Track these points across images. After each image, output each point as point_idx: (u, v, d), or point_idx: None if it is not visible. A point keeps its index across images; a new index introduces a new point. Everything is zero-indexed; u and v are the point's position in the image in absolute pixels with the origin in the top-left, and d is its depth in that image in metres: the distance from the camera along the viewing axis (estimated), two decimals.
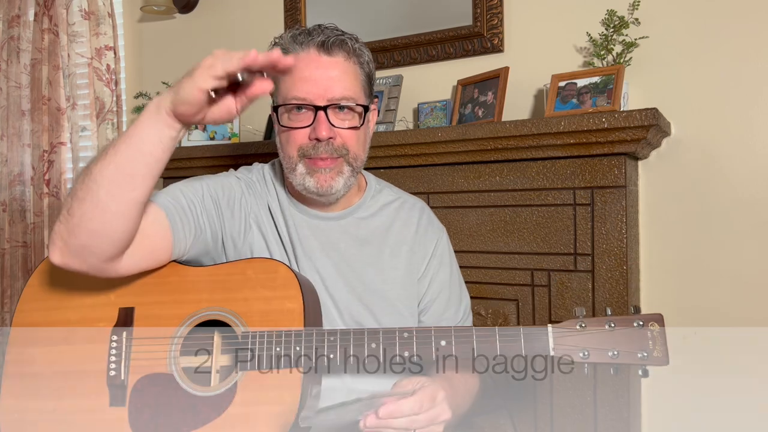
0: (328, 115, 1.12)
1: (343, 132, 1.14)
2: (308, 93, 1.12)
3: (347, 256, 1.21)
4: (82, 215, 0.96)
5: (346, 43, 1.14)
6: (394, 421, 0.92)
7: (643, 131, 1.55)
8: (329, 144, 1.13)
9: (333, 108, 1.13)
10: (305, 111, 1.13)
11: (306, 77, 1.12)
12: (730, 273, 1.71)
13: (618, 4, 1.78)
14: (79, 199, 0.96)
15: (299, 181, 1.16)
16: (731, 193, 1.72)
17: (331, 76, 1.13)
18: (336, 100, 1.12)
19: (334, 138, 1.13)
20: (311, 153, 1.14)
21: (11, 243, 2.85)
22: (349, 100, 1.13)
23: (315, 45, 1.13)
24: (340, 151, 1.15)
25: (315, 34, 1.14)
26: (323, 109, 1.12)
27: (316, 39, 1.13)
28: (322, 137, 1.12)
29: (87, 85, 2.72)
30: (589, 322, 1.01)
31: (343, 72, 1.14)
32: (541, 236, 1.73)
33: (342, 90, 1.13)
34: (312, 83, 1.12)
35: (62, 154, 2.80)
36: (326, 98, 1.12)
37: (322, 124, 1.12)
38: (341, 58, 1.14)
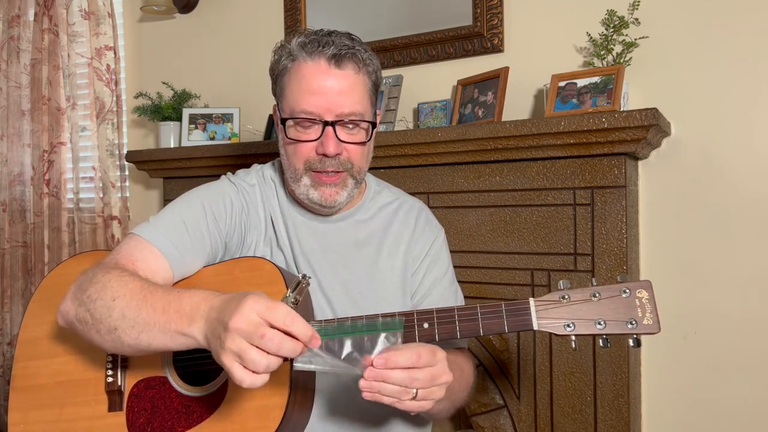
0: (336, 130, 1.11)
1: (349, 147, 1.14)
2: (317, 107, 1.10)
3: (345, 259, 1.22)
4: (98, 330, 0.98)
5: (356, 55, 1.12)
6: (392, 374, 0.87)
7: (643, 131, 1.55)
8: (336, 159, 1.13)
9: (341, 123, 1.12)
10: (312, 125, 1.12)
11: (315, 90, 1.10)
12: (730, 273, 1.72)
13: (618, 4, 1.78)
14: (96, 320, 0.97)
15: (303, 192, 1.16)
16: (731, 193, 1.72)
17: (341, 90, 1.11)
18: (345, 116, 1.11)
19: (340, 153, 1.13)
20: (317, 167, 1.13)
21: (11, 243, 2.85)
22: (356, 116, 1.12)
23: (325, 57, 1.10)
24: (346, 165, 1.14)
25: (326, 45, 1.11)
26: (331, 124, 1.11)
27: (327, 51, 1.10)
28: (330, 153, 1.11)
29: (87, 85, 2.72)
30: (573, 293, 0.96)
31: (353, 86, 1.12)
32: (541, 236, 1.73)
33: (351, 105, 1.11)
34: (321, 97, 1.10)
35: (62, 154, 2.80)
36: (335, 113, 1.11)
37: (331, 140, 1.11)
38: (351, 71, 1.12)
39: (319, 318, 1.16)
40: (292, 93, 1.13)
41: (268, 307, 0.81)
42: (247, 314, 0.81)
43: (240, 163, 2.08)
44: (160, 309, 0.92)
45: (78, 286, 1.02)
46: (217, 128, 2.36)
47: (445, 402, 1.04)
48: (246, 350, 0.80)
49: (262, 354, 0.81)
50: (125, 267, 1.03)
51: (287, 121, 1.13)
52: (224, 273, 1.11)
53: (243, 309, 0.81)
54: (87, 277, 1.02)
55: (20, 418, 1.13)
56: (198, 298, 0.90)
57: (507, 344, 1.79)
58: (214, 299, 0.89)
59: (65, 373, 1.13)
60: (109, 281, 0.97)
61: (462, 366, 1.15)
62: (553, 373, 1.72)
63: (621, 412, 1.64)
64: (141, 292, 0.95)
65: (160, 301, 0.92)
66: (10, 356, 2.87)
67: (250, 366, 0.81)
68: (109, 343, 0.98)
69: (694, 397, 1.76)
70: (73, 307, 1.01)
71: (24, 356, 1.16)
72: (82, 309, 0.99)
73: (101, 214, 2.67)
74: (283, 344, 0.81)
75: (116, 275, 0.98)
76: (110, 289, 0.96)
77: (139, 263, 1.05)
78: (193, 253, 1.11)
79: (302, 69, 1.11)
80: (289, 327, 0.81)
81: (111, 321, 0.95)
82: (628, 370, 1.63)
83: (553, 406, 1.73)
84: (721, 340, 1.72)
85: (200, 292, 0.92)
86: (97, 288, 0.98)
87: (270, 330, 0.80)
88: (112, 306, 0.95)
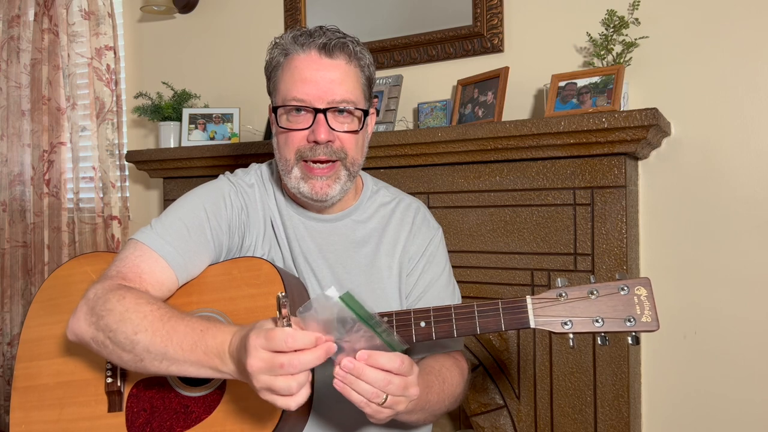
0: (327, 118, 1.12)
1: (341, 135, 1.14)
2: (308, 95, 1.11)
3: (343, 259, 1.21)
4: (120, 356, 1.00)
5: (347, 45, 1.13)
6: (370, 372, 0.86)
7: (643, 131, 1.55)
8: (327, 147, 1.13)
9: (332, 111, 1.12)
10: (304, 113, 1.13)
11: (306, 78, 1.11)
12: (729, 272, 1.72)
13: (618, 4, 1.78)
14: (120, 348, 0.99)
15: (294, 185, 1.16)
16: (731, 193, 1.72)
17: (332, 78, 1.12)
18: (336, 103, 1.12)
19: (332, 141, 1.13)
20: (309, 155, 1.13)
21: (11, 243, 2.85)
22: (349, 104, 1.13)
23: (316, 47, 1.12)
24: (339, 154, 1.14)
25: (316, 35, 1.13)
26: (323, 111, 1.11)
27: (317, 41, 1.12)
28: (321, 140, 1.11)
29: (87, 85, 2.72)
30: (571, 291, 0.95)
31: (344, 75, 1.13)
32: (541, 236, 1.73)
33: (342, 93, 1.12)
34: (312, 85, 1.11)
35: (62, 154, 2.80)
36: (326, 101, 1.11)
37: (322, 127, 1.11)
38: (342, 61, 1.13)
39: None
40: (284, 84, 1.13)
41: (268, 338, 0.84)
42: (256, 354, 0.84)
43: (240, 163, 2.08)
44: (188, 348, 0.94)
45: (91, 309, 1.02)
46: (217, 128, 2.36)
47: (420, 413, 1.05)
48: (273, 383, 0.83)
49: (289, 378, 0.83)
50: (133, 283, 1.05)
51: (279, 109, 1.14)
52: (223, 273, 1.12)
53: (250, 351, 0.84)
54: (99, 299, 1.02)
55: (22, 418, 1.13)
56: (220, 339, 0.93)
57: (507, 344, 1.79)
58: (233, 340, 0.92)
59: (66, 374, 1.13)
60: (126, 311, 0.98)
61: (444, 376, 1.14)
62: (553, 372, 1.72)
63: (621, 412, 1.64)
64: (163, 326, 0.96)
65: (185, 340, 0.95)
66: (10, 356, 2.87)
67: (285, 393, 0.84)
68: (133, 368, 1.01)
69: (695, 396, 1.76)
70: (89, 330, 1.01)
71: (25, 357, 1.17)
72: (100, 334, 1.00)
73: (101, 214, 2.67)
74: (302, 360, 0.83)
75: (132, 303, 0.99)
76: (130, 322, 0.97)
77: (146, 277, 1.06)
78: (197, 258, 1.11)
79: (294, 60, 1.13)
80: (292, 347, 0.83)
81: (136, 352, 0.97)
82: (628, 370, 1.63)
83: (553, 406, 1.73)
84: (721, 339, 1.72)
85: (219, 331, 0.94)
86: (115, 318, 0.98)
87: (283, 357, 0.83)
88: (135, 340, 0.97)
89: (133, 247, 1.10)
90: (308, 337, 0.83)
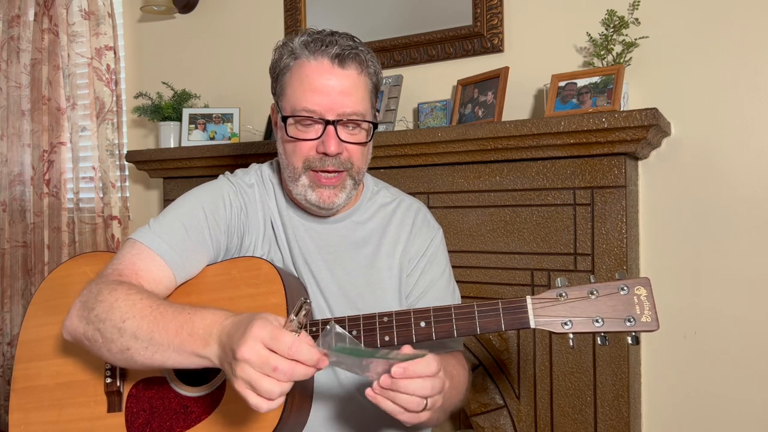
0: (337, 130, 1.11)
1: (350, 147, 1.13)
2: (319, 105, 1.10)
3: (343, 260, 1.21)
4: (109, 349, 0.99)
5: (359, 56, 1.12)
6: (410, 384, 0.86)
7: (643, 131, 1.55)
8: (336, 158, 1.12)
9: (342, 123, 1.12)
10: (314, 123, 1.12)
11: (317, 88, 1.10)
12: (729, 272, 1.71)
13: (618, 4, 1.78)
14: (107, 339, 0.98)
15: (300, 192, 1.15)
16: (731, 193, 1.72)
17: (343, 89, 1.10)
18: (346, 115, 1.11)
19: (341, 152, 1.13)
20: (317, 165, 1.13)
21: (11, 243, 2.85)
22: (358, 116, 1.12)
23: (329, 56, 1.10)
24: (345, 165, 1.14)
25: (329, 44, 1.11)
26: (333, 123, 1.11)
27: (330, 50, 1.10)
28: (331, 152, 1.11)
29: (87, 85, 2.72)
30: (571, 291, 0.96)
31: (355, 86, 1.12)
32: (541, 236, 1.73)
33: (353, 105, 1.11)
34: (323, 95, 1.10)
35: (62, 154, 2.80)
36: (336, 112, 1.10)
37: (332, 139, 1.10)
38: (354, 72, 1.12)
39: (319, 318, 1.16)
40: (293, 91, 1.12)
41: (273, 337, 0.82)
42: (253, 345, 0.82)
43: (240, 163, 2.08)
44: (173, 331, 0.92)
45: (83, 304, 1.01)
46: (217, 128, 2.36)
47: (440, 412, 1.04)
48: (258, 380, 0.81)
49: (275, 383, 0.81)
50: (129, 279, 1.04)
51: (288, 119, 1.13)
52: (222, 273, 1.11)
53: (248, 338, 0.82)
54: (92, 293, 1.01)
55: (21, 419, 1.13)
56: (209, 320, 0.91)
57: (507, 344, 1.79)
58: (225, 321, 0.89)
59: (65, 374, 1.13)
60: (116, 300, 0.97)
61: (452, 373, 1.14)
62: (553, 373, 1.72)
63: (621, 412, 1.64)
64: (151, 312, 0.95)
65: (171, 322, 0.93)
66: (10, 356, 2.87)
67: (264, 395, 0.82)
68: (121, 361, 0.99)
69: (695, 396, 1.75)
70: (80, 325, 1.01)
71: (24, 357, 1.16)
72: (90, 328, 0.99)
73: (101, 214, 2.67)
74: (295, 372, 0.82)
75: (123, 294, 0.98)
76: (119, 310, 0.97)
77: (142, 274, 1.05)
78: (194, 257, 1.11)
79: (305, 67, 1.11)
80: (294, 356, 0.81)
81: (123, 341, 0.96)
82: (628, 370, 1.63)
83: (553, 406, 1.73)
84: (722, 339, 1.72)
85: (210, 312, 0.93)
86: (105, 308, 0.98)
87: (281, 362, 0.81)
88: (123, 327, 0.95)
89: (131, 246, 1.10)
90: (312, 355, 0.82)
